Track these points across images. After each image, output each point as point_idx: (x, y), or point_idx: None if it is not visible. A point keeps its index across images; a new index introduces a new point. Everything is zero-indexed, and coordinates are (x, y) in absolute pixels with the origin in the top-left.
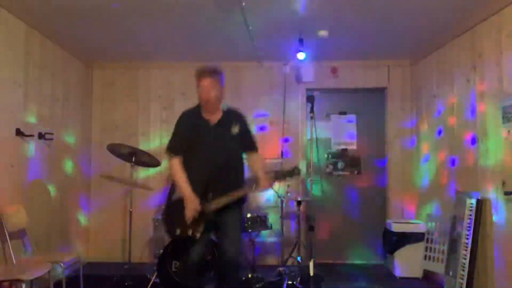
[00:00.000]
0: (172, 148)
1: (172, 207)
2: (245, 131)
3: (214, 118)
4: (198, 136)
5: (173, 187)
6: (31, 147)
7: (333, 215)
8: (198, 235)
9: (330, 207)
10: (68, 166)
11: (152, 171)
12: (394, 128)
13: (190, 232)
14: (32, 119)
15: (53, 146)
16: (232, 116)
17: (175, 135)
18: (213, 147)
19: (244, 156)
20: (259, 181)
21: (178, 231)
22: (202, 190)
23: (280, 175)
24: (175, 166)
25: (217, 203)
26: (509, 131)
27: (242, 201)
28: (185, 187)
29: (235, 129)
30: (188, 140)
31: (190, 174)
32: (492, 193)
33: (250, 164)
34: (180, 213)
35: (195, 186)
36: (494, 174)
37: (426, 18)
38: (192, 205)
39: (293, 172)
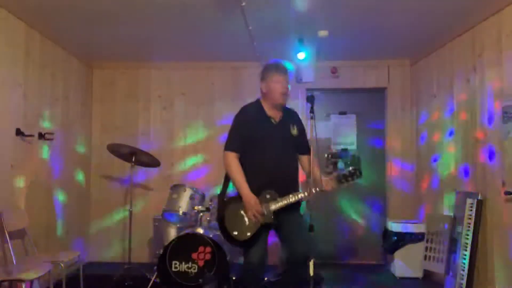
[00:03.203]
0: (232, 144)
1: (227, 208)
2: (302, 133)
3: (276, 116)
4: (262, 134)
5: (226, 183)
6: (31, 147)
7: (333, 215)
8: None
9: (330, 207)
10: (68, 166)
11: (152, 171)
12: (394, 128)
13: (249, 234)
14: (32, 119)
15: (53, 146)
16: (292, 116)
17: (235, 131)
18: (275, 146)
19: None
20: (323, 183)
21: (235, 233)
22: (260, 190)
23: (341, 177)
24: (234, 164)
25: (276, 205)
26: (509, 131)
27: (299, 203)
28: (244, 188)
29: (294, 130)
30: (250, 136)
31: (251, 173)
32: (492, 193)
33: (305, 166)
34: (236, 214)
35: (254, 186)
36: (494, 174)
37: (426, 18)
38: (255, 207)
39: (354, 174)
